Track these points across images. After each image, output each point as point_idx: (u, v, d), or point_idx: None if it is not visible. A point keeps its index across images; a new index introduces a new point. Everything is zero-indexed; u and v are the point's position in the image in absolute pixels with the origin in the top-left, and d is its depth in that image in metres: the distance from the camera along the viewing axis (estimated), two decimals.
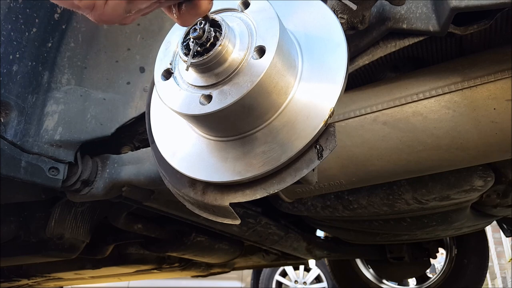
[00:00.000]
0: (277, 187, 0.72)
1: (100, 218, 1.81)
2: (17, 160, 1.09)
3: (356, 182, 1.32)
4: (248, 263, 3.25)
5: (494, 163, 1.46)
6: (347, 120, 1.18)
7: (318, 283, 5.80)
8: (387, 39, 1.02)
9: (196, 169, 0.77)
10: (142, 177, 1.22)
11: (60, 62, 1.23)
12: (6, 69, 1.09)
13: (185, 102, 0.70)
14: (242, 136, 0.74)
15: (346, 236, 2.47)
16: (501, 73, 1.02)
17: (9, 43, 1.11)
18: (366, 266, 3.76)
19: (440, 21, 0.90)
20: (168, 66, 0.75)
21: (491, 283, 8.28)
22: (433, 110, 1.09)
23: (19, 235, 1.65)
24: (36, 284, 2.75)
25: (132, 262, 2.43)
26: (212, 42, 0.66)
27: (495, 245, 8.06)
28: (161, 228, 2.05)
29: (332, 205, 1.69)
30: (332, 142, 0.70)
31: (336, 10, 0.88)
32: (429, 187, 1.50)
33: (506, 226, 2.64)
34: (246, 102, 0.66)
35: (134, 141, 1.37)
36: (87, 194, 1.26)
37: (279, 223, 2.20)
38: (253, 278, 5.97)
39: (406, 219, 1.93)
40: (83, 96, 1.24)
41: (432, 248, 3.55)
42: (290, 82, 0.71)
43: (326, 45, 0.73)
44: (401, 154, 1.16)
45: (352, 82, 1.24)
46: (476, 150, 1.11)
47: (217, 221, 0.82)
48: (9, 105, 1.09)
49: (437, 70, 1.11)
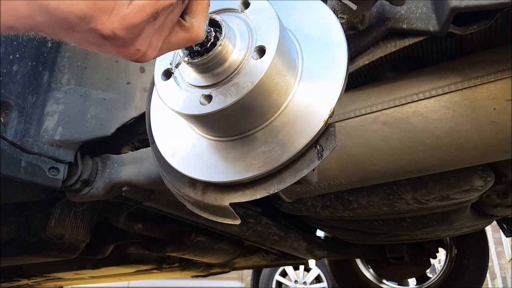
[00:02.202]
0: (277, 187, 0.72)
1: (100, 218, 1.81)
2: (17, 160, 1.09)
3: (356, 182, 1.32)
4: (248, 263, 3.25)
5: (494, 163, 1.46)
6: (347, 120, 1.18)
7: (318, 283, 5.80)
8: (387, 39, 1.02)
9: (196, 169, 0.77)
10: (142, 177, 1.22)
11: (60, 62, 1.23)
12: (6, 69, 1.09)
13: (185, 102, 0.70)
14: (242, 136, 0.74)
15: (346, 236, 2.47)
16: (501, 73, 1.02)
17: (9, 43, 1.11)
18: (366, 266, 3.75)
19: (440, 21, 0.90)
20: (168, 66, 0.75)
21: (491, 283, 8.28)
22: (433, 110, 1.09)
23: (19, 235, 1.65)
24: (36, 284, 2.75)
25: (132, 262, 2.43)
26: (213, 42, 0.66)
27: (495, 245, 8.07)
28: (161, 228, 2.05)
29: (332, 205, 1.69)
30: (332, 142, 0.70)
31: (336, 10, 0.88)
32: (429, 187, 1.50)
33: (506, 226, 2.64)
34: (246, 102, 0.66)
35: (134, 141, 1.37)
36: (87, 194, 1.26)
37: (279, 223, 2.20)
38: (253, 278, 5.97)
39: (406, 219, 1.93)
40: (83, 96, 1.24)
41: (432, 248, 3.55)
42: (290, 82, 0.71)
43: (326, 45, 0.73)
44: (401, 154, 1.16)
45: (352, 82, 1.24)
46: (476, 150, 1.10)
47: (217, 221, 0.82)
48: (9, 105, 1.09)
49: (437, 70, 1.11)
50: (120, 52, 0.51)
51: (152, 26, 0.51)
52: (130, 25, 0.47)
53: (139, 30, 0.49)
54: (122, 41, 0.48)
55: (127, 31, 0.47)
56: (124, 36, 0.47)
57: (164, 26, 0.53)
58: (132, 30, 0.48)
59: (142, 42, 0.51)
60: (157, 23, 0.51)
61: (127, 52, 0.51)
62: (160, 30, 0.53)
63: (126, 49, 0.51)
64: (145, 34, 0.51)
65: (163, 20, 0.52)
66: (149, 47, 0.53)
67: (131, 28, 0.47)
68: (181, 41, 0.57)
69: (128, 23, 0.46)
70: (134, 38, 0.49)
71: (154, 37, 0.53)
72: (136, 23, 0.47)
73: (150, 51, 0.54)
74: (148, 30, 0.51)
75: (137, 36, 0.49)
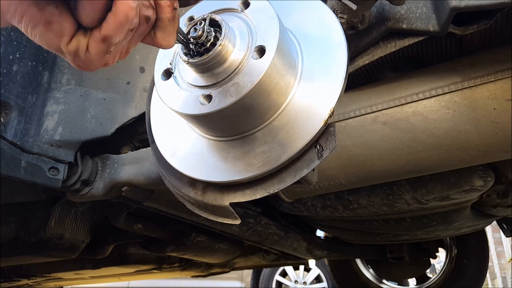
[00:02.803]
0: (277, 187, 0.72)
1: (100, 218, 1.81)
2: (17, 160, 1.09)
3: (356, 182, 1.32)
4: (248, 263, 3.25)
5: (494, 163, 1.46)
6: (347, 120, 1.18)
7: (318, 283, 5.80)
8: (387, 39, 1.02)
9: (196, 169, 0.77)
10: (142, 177, 1.22)
11: (60, 62, 1.23)
12: (6, 69, 1.09)
13: (185, 102, 0.70)
14: (242, 136, 0.74)
15: (346, 236, 2.47)
16: (501, 73, 1.02)
17: (9, 43, 1.11)
18: (366, 266, 3.75)
19: (440, 21, 0.90)
20: (168, 66, 0.75)
21: (491, 283, 8.27)
22: (433, 110, 1.09)
23: (19, 235, 1.65)
24: (36, 284, 2.76)
25: (132, 262, 2.43)
26: (212, 42, 0.66)
27: (495, 245, 8.06)
28: (161, 228, 2.05)
29: (332, 205, 1.69)
30: (332, 142, 0.70)
31: (336, 10, 0.88)
32: (429, 187, 1.50)
33: (506, 226, 2.64)
34: (246, 102, 0.66)
35: (134, 141, 1.37)
36: (87, 194, 1.26)
37: (279, 223, 2.20)
38: (253, 278, 5.97)
39: (406, 219, 1.93)
40: (83, 96, 1.24)
41: (432, 248, 3.55)
42: (290, 82, 0.71)
43: (326, 45, 0.73)
44: (401, 154, 1.16)
45: (352, 82, 1.24)
46: (476, 150, 1.11)
47: (217, 221, 0.82)
48: (9, 105, 1.09)
49: (437, 70, 1.11)
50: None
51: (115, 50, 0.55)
52: (91, 67, 0.55)
53: (102, 63, 0.55)
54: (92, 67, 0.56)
55: (90, 69, 0.55)
56: (91, 68, 0.55)
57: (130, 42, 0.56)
58: (94, 66, 0.55)
59: (109, 61, 0.56)
60: (118, 47, 0.55)
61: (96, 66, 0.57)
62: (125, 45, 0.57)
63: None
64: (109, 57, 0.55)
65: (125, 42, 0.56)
66: (117, 56, 0.57)
67: (93, 67, 0.55)
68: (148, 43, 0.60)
69: (89, 65, 0.54)
70: (100, 65, 0.56)
71: (120, 51, 0.57)
72: (95, 65, 0.55)
73: (120, 56, 0.58)
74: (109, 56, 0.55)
75: (102, 64, 0.56)
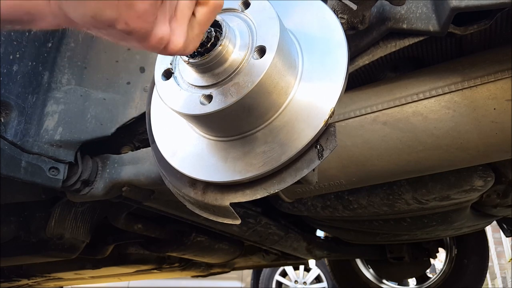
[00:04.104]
0: (277, 187, 0.72)
1: (100, 218, 1.81)
2: (17, 160, 1.09)
3: (356, 182, 1.32)
4: (248, 263, 3.25)
5: (494, 163, 1.46)
6: (347, 120, 1.18)
7: (318, 283, 5.80)
8: (387, 39, 1.02)
9: (197, 169, 0.77)
10: (142, 177, 1.22)
11: (60, 62, 1.23)
12: (6, 69, 1.09)
13: (185, 102, 0.70)
14: (243, 136, 0.74)
15: (346, 236, 2.47)
16: (501, 73, 1.02)
17: (9, 43, 1.11)
18: (366, 266, 3.75)
19: (440, 21, 0.90)
20: (169, 66, 0.75)
21: (491, 283, 8.27)
22: (433, 110, 1.09)
23: (19, 235, 1.65)
24: (36, 284, 2.75)
25: (132, 262, 2.43)
26: (213, 42, 0.66)
27: (495, 245, 8.06)
28: (161, 228, 2.05)
29: (332, 205, 1.69)
30: (333, 142, 0.70)
31: (336, 10, 0.88)
32: (429, 187, 1.50)
33: (506, 226, 2.64)
34: (247, 102, 0.66)
35: (134, 141, 1.37)
36: (87, 194, 1.26)
37: (279, 223, 2.20)
38: (253, 278, 5.97)
39: (406, 219, 1.93)
40: (83, 96, 1.24)
41: (432, 248, 3.55)
42: (290, 82, 0.71)
43: (327, 45, 0.73)
44: (401, 154, 1.16)
45: (352, 82, 1.24)
46: (476, 150, 1.11)
47: (217, 221, 0.82)
48: (9, 105, 1.09)
49: (437, 70, 1.11)
50: (146, 46, 0.52)
51: (163, 10, 0.51)
52: (138, 13, 0.47)
53: (151, 17, 0.49)
54: (140, 33, 0.49)
55: (139, 20, 0.48)
56: (138, 26, 0.48)
57: (178, 8, 0.53)
58: (143, 18, 0.48)
59: (161, 29, 0.51)
60: (167, 5, 0.51)
61: (152, 44, 0.52)
62: (177, 14, 0.53)
63: (149, 41, 0.51)
64: (160, 20, 0.51)
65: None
66: (172, 34, 0.53)
67: (141, 15, 0.48)
68: (204, 16, 0.57)
69: (136, 12, 0.47)
70: (150, 27, 0.50)
71: (173, 23, 0.53)
72: (143, 9, 0.48)
73: (176, 38, 0.54)
74: (162, 16, 0.51)
75: (152, 23, 0.50)
